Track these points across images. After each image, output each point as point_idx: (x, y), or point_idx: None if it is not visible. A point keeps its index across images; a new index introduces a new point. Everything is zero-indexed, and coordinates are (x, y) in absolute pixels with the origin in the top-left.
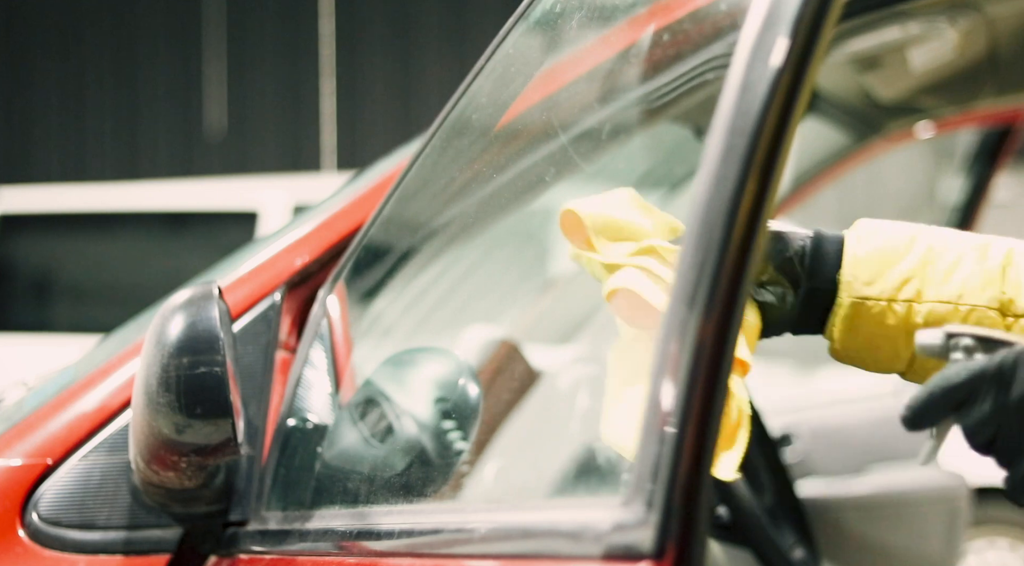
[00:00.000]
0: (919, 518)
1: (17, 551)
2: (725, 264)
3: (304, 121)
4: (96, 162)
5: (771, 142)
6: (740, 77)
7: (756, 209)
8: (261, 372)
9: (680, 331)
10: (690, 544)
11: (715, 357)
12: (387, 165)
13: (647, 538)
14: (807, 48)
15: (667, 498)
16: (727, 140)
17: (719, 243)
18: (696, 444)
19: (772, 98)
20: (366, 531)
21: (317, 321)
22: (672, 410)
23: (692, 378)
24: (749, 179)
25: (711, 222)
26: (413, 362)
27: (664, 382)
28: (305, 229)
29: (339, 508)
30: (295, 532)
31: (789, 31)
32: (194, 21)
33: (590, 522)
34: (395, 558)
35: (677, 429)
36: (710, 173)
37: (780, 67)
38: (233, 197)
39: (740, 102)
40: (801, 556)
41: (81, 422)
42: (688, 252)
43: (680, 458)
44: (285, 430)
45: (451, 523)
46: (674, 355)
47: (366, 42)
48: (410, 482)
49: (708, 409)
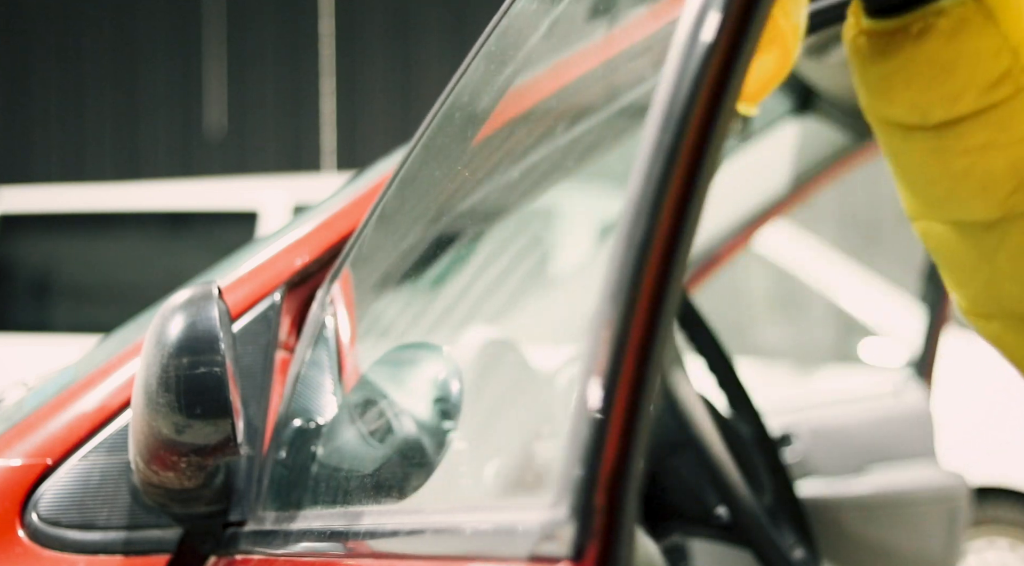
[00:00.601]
0: (919, 518)
1: (17, 551)
2: (651, 259)
3: (304, 121)
4: (96, 162)
5: (700, 130)
6: (673, 67)
7: (682, 204)
8: (261, 372)
9: (607, 326)
10: (613, 544)
11: (642, 350)
12: (387, 165)
13: (567, 539)
14: (740, 33)
15: (587, 497)
16: (657, 133)
17: (644, 239)
18: (620, 441)
19: (700, 85)
20: (367, 531)
21: (316, 321)
22: (596, 403)
23: (615, 373)
24: (675, 171)
25: (639, 218)
26: (410, 360)
27: (590, 377)
28: (305, 229)
29: (339, 508)
30: (295, 532)
31: (721, 7)
32: (194, 21)
33: (518, 523)
34: (394, 559)
35: (599, 427)
36: (639, 167)
37: (708, 52)
38: (233, 197)
39: (670, 91)
40: (801, 556)
41: (81, 422)
42: (618, 248)
43: (602, 455)
44: (285, 430)
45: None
46: (600, 351)
47: (366, 42)
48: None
49: (633, 406)
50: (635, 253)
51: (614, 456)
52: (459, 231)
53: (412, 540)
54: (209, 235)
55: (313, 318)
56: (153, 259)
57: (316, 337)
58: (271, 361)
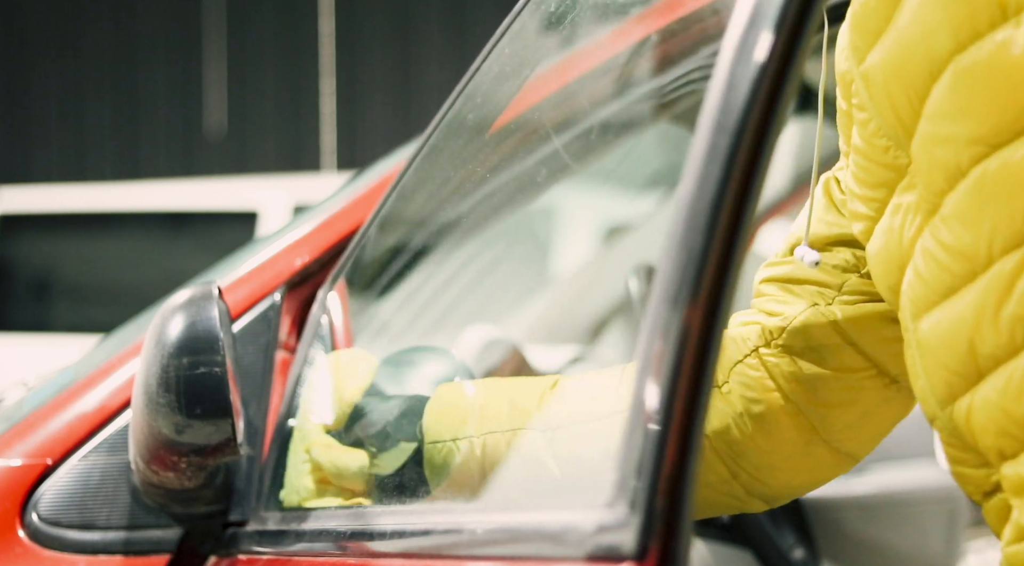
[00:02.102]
0: (919, 518)
1: (17, 551)
2: (709, 263)
3: (304, 121)
4: (96, 162)
5: (755, 140)
6: (725, 74)
7: (739, 208)
8: (261, 372)
9: (664, 330)
10: (673, 544)
11: (699, 355)
12: (387, 165)
13: (629, 539)
14: (792, 44)
15: (649, 498)
16: (711, 139)
17: (703, 243)
18: (679, 443)
19: (756, 95)
20: (366, 531)
21: (317, 321)
22: (655, 408)
23: (675, 376)
24: (732, 178)
25: (695, 222)
26: (411, 362)
27: (647, 380)
28: (305, 229)
29: (339, 508)
30: (295, 532)
31: (773, 27)
32: (194, 21)
33: (574, 524)
34: (393, 559)
35: (660, 428)
36: (694, 173)
37: (764, 63)
38: (233, 197)
39: (724, 100)
40: (801, 556)
41: (81, 422)
42: (672, 251)
43: (663, 457)
44: (285, 430)
45: (441, 524)
46: (658, 353)
47: (366, 42)
48: (406, 482)
49: (692, 407)
50: (692, 260)
51: (673, 460)
52: (460, 233)
53: (412, 540)
54: (209, 235)
55: (313, 318)
56: (153, 259)
57: (316, 337)
58: (271, 361)
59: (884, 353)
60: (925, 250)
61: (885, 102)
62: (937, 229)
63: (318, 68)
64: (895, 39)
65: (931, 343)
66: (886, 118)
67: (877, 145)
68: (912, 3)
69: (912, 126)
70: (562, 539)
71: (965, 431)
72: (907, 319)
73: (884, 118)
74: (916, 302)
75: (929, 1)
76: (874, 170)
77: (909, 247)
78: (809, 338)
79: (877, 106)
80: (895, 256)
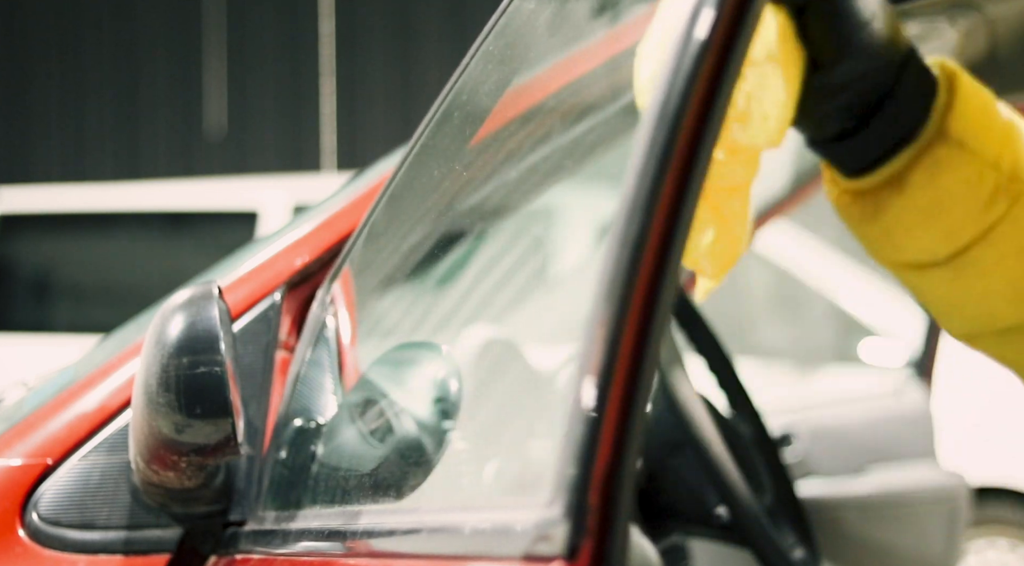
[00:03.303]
0: (919, 518)
1: (17, 551)
2: (645, 258)
3: (304, 121)
4: (96, 162)
5: (694, 127)
6: (666, 66)
7: (678, 200)
8: (261, 372)
9: (602, 325)
10: (607, 543)
11: (636, 348)
12: (387, 165)
13: (560, 538)
14: (735, 27)
15: (581, 495)
16: (651, 131)
17: (639, 234)
18: (614, 440)
19: (694, 83)
20: (365, 531)
21: (316, 321)
22: (590, 402)
23: (610, 368)
24: (670, 168)
25: (633, 214)
26: (410, 360)
27: (583, 373)
28: (305, 229)
29: (339, 508)
30: (295, 532)
31: (715, 4)
32: (194, 21)
33: (514, 521)
34: (394, 558)
35: (593, 426)
36: (634, 164)
37: (701, 49)
38: (233, 197)
39: (664, 89)
40: (801, 556)
41: (81, 422)
42: (612, 246)
43: (595, 453)
44: (285, 430)
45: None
46: (594, 346)
47: (366, 42)
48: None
49: (627, 401)
50: (629, 252)
51: (608, 455)
52: (459, 231)
53: (411, 539)
54: (209, 235)
55: (313, 318)
56: (153, 259)
57: (316, 337)
58: (271, 361)
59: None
60: None
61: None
62: None
63: (318, 68)
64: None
65: None
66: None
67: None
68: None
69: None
70: (499, 538)
71: None
72: None
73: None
74: None
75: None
76: None
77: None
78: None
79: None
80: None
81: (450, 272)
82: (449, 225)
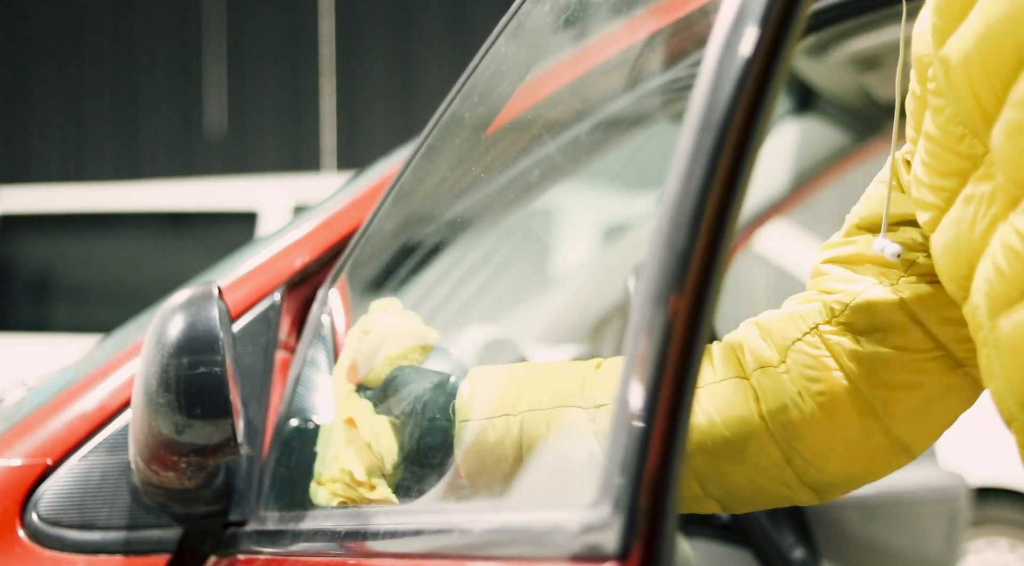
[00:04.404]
0: (919, 518)
1: (17, 551)
2: (693, 261)
3: (304, 121)
4: (96, 162)
5: (740, 137)
6: (711, 71)
7: (724, 206)
8: (261, 372)
9: (649, 328)
10: (657, 544)
11: (684, 353)
12: (387, 165)
13: (612, 539)
14: (778, 40)
15: (632, 497)
16: (696, 136)
17: (687, 241)
18: (663, 442)
19: (742, 91)
20: (366, 531)
21: (317, 321)
22: (639, 407)
23: (660, 374)
24: (717, 176)
25: (680, 220)
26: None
27: (632, 378)
28: (305, 229)
29: (339, 508)
30: (295, 532)
31: (759, 22)
32: (194, 21)
33: (559, 523)
34: (391, 558)
35: (643, 426)
36: (680, 171)
37: (750, 59)
38: (233, 197)
39: (710, 97)
40: (801, 556)
41: (81, 422)
42: (657, 249)
43: (646, 456)
44: (285, 430)
45: (432, 524)
46: (642, 351)
47: (366, 42)
48: (404, 482)
49: (676, 405)
50: (677, 259)
51: (657, 459)
52: (460, 232)
53: (412, 540)
54: (209, 235)
55: (313, 318)
56: (153, 259)
57: (316, 337)
58: (271, 361)
59: (949, 335)
60: (1005, 244)
61: (965, 88)
62: (1020, 222)
63: (318, 68)
64: (981, 22)
65: (1012, 342)
66: (964, 104)
67: (952, 133)
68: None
69: (994, 113)
70: (548, 539)
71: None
72: (982, 317)
73: (962, 104)
74: (995, 299)
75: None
76: (946, 158)
77: (982, 239)
78: (872, 315)
79: (955, 92)
80: (965, 248)
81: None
82: (451, 227)
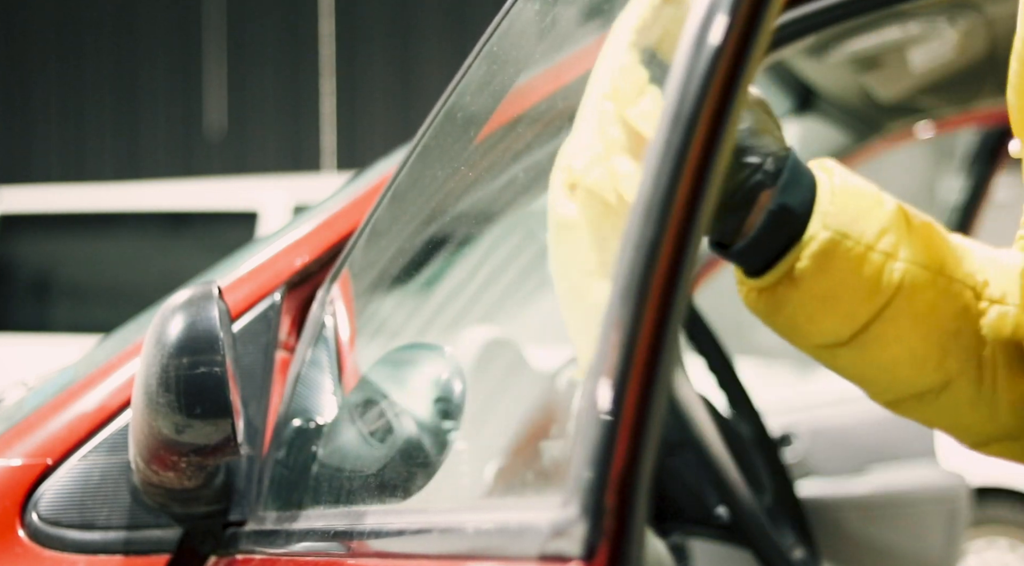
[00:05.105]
0: (919, 518)
1: (17, 551)
2: (661, 258)
3: (304, 121)
4: (96, 162)
5: (710, 131)
6: (681, 63)
7: (692, 203)
8: (261, 372)
9: (617, 324)
10: (624, 543)
11: (652, 350)
12: (387, 165)
13: (578, 539)
14: (749, 31)
15: (598, 497)
16: (667, 132)
17: (654, 237)
18: (631, 440)
19: (709, 85)
20: (367, 531)
21: (316, 321)
22: (605, 403)
23: (626, 370)
24: (684, 172)
25: (648, 217)
26: (411, 360)
27: (599, 375)
28: (305, 229)
29: (340, 508)
30: (295, 532)
31: (729, 11)
32: (194, 21)
33: (530, 522)
34: (396, 558)
35: (609, 425)
36: (649, 167)
37: (719, 48)
38: (233, 197)
39: (680, 89)
40: (801, 556)
41: (81, 422)
42: (626, 246)
43: (612, 455)
44: (285, 430)
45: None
46: (610, 348)
47: (366, 42)
48: (391, 481)
49: (644, 403)
50: (644, 254)
51: (624, 457)
52: (459, 231)
53: (414, 539)
54: (209, 235)
55: (313, 318)
56: (153, 259)
57: (316, 337)
58: (271, 361)
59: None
60: None
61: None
62: None
63: (318, 68)
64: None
65: None
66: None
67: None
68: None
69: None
70: (520, 539)
71: None
72: None
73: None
74: None
75: None
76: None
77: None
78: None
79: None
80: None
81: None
82: (450, 225)
